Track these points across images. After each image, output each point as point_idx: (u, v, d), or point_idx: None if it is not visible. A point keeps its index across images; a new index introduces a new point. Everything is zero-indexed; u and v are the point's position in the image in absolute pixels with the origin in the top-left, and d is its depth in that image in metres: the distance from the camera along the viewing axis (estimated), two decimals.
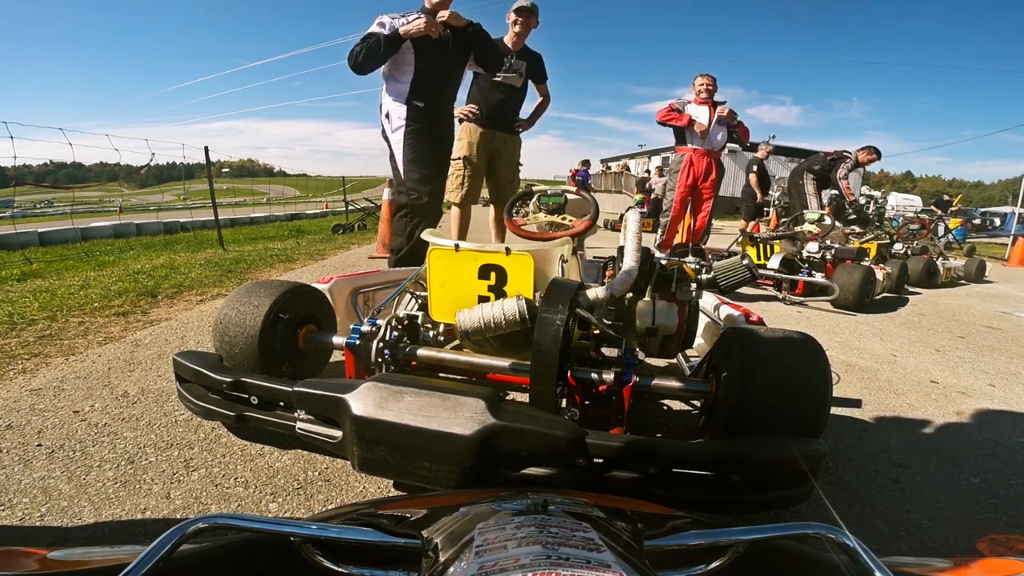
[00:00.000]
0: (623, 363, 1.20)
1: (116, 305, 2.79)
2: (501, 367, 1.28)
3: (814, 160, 6.00)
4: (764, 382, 1.07)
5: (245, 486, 1.18)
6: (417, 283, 1.67)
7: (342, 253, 5.74)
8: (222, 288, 3.40)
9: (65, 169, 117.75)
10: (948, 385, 2.17)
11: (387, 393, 0.96)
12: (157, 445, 1.34)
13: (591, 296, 1.18)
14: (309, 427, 1.07)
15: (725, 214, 16.69)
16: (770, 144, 8.08)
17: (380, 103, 2.79)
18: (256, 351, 1.35)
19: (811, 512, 1.13)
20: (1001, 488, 1.35)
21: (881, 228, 6.70)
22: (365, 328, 1.36)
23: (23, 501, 1.09)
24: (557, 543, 0.35)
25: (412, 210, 2.70)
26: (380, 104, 2.79)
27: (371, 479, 1.23)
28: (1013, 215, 12.81)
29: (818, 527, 0.41)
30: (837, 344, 2.73)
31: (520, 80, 3.51)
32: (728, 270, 1.80)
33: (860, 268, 3.69)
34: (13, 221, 8.55)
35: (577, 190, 1.95)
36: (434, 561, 0.38)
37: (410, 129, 2.66)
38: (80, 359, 1.97)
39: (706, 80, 4.44)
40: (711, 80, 4.45)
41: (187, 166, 42.41)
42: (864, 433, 1.64)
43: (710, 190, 4.56)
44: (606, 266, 1.77)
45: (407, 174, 2.69)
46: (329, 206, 17.59)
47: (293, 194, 28.20)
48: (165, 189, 32.35)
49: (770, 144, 8.08)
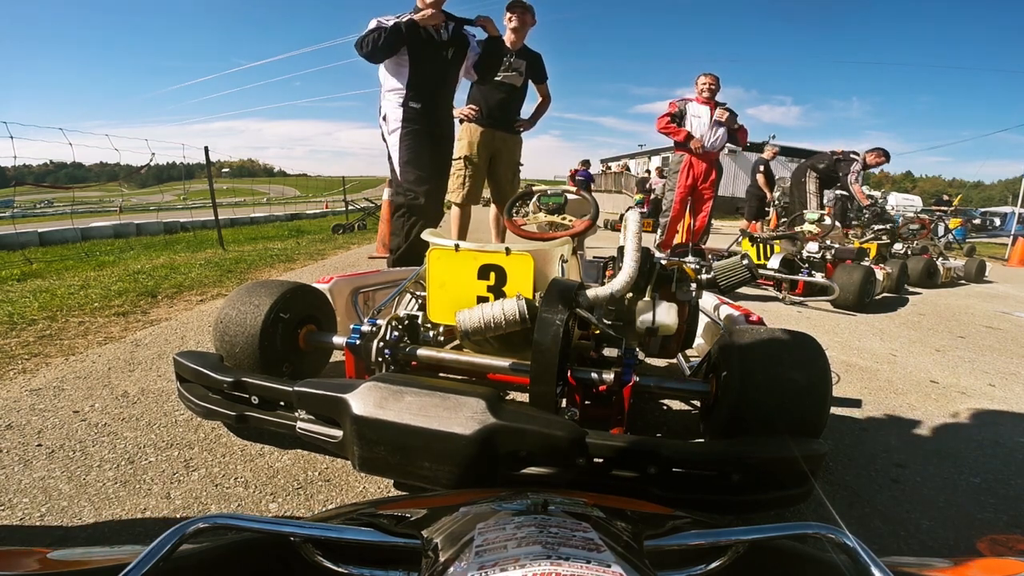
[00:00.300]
0: (623, 363, 1.20)
1: (116, 305, 2.79)
2: (501, 367, 1.28)
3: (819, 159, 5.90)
4: (764, 382, 1.07)
5: (245, 486, 1.18)
6: (417, 283, 1.67)
7: (342, 253, 5.74)
8: (222, 288, 3.40)
9: (65, 169, 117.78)
10: (948, 385, 2.17)
11: (387, 393, 0.96)
12: (157, 445, 1.34)
13: (591, 296, 1.18)
14: (310, 427, 1.07)
15: (725, 214, 16.70)
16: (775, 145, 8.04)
17: (379, 105, 2.80)
18: (256, 351, 1.35)
19: (811, 512, 1.13)
20: (1001, 488, 1.35)
21: (883, 228, 6.68)
22: (365, 328, 1.36)
23: (23, 501, 1.09)
24: (557, 543, 0.35)
25: (409, 210, 2.72)
26: (379, 107, 2.80)
27: (371, 479, 1.23)
28: (1013, 215, 12.81)
29: (818, 527, 0.41)
30: (837, 344, 2.73)
31: (520, 79, 3.50)
32: (728, 270, 1.80)
33: (860, 268, 3.69)
34: (13, 221, 8.55)
35: (577, 190, 1.95)
36: (434, 561, 0.38)
37: (406, 131, 2.68)
38: (80, 359, 1.97)
39: (709, 79, 4.45)
40: (714, 79, 4.45)
41: (187, 166, 42.44)
42: (864, 433, 1.64)
43: (710, 190, 4.57)
44: (606, 266, 1.77)
45: (403, 175, 2.71)
46: (329, 206, 17.59)
47: (293, 194, 28.22)
48: (165, 189, 32.37)
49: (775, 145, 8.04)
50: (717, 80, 4.46)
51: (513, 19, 3.39)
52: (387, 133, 2.75)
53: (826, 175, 5.77)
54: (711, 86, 4.43)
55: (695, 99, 4.50)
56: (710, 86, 4.43)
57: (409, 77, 2.63)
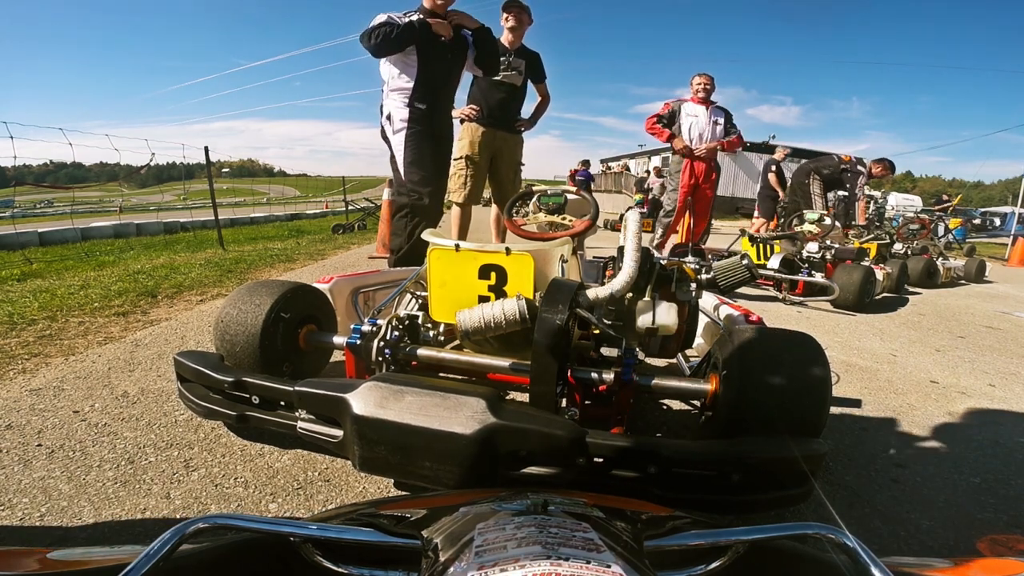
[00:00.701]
0: (623, 363, 1.20)
1: (116, 305, 2.79)
2: (501, 367, 1.28)
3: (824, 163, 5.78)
4: (764, 382, 1.07)
5: (245, 486, 1.18)
6: (417, 283, 1.67)
7: (342, 253, 5.74)
8: (222, 288, 3.40)
9: (65, 169, 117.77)
10: (948, 385, 2.17)
11: (388, 392, 0.96)
12: (157, 445, 1.34)
13: (591, 296, 1.18)
14: (310, 427, 1.07)
15: (725, 214, 16.69)
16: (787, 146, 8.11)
17: (381, 104, 2.79)
18: (257, 350, 1.35)
19: (811, 512, 1.13)
20: (1001, 488, 1.35)
21: (881, 228, 6.67)
22: (366, 328, 1.36)
23: (23, 501, 1.09)
24: (557, 543, 0.35)
25: (413, 210, 2.72)
26: (381, 105, 2.79)
27: (371, 479, 1.23)
28: (1013, 215, 12.81)
29: (818, 527, 0.41)
30: (837, 344, 2.73)
31: (520, 79, 3.51)
32: (728, 270, 1.80)
33: (860, 268, 3.69)
34: (13, 221, 8.55)
35: (577, 190, 1.95)
36: (434, 561, 0.38)
37: (412, 131, 2.68)
38: (80, 359, 1.97)
39: (704, 79, 4.46)
40: (709, 79, 4.47)
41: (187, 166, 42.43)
42: (864, 433, 1.64)
43: (711, 189, 4.60)
44: (606, 266, 1.77)
45: (408, 175, 2.71)
46: (329, 206, 17.59)
47: (293, 194, 28.22)
48: (165, 189, 32.34)
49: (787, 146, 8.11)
50: (712, 80, 4.48)
51: (510, 19, 3.39)
52: (391, 132, 2.74)
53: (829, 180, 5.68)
54: (706, 86, 4.44)
55: (691, 99, 4.51)
56: (705, 86, 4.44)
57: (417, 75, 2.62)
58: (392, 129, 2.73)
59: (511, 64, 3.43)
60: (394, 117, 2.70)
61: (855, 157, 5.72)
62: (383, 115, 2.78)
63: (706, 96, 4.46)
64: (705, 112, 4.42)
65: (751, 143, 19.61)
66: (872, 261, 4.42)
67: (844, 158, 5.74)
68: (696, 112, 4.43)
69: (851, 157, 5.73)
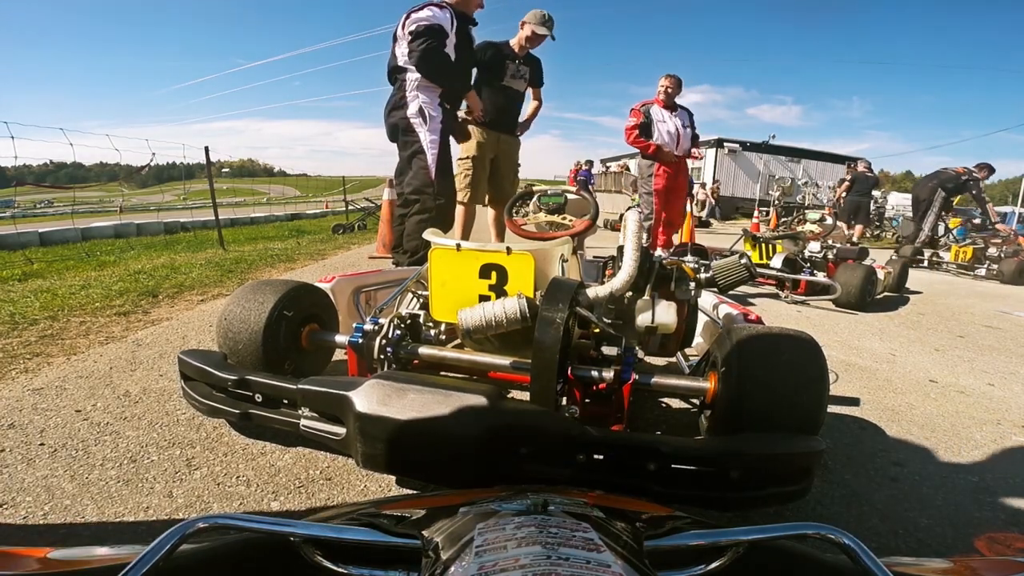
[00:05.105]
0: (623, 361, 1.20)
1: (117, 305, 2.80)
2: (502, 365, 1.29)
3: (947, 178, 6.46)
4: (762, 380, 1.07)
5: (247, 485, 1.18)
6: (418, 282, 1.67)
7: (342, 253, 5.73)
8: (223, 288, 3.40)
9: (65, 169, 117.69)
10: (947, 384, 2.18)
11: (390, 390, 0.96)
12: (159, 444, 1.35)
13: (591, 295, 1.19)
14: (313, 424, 1.08)
15: (726, 214, 16.66)
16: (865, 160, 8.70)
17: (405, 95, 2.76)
18: (260, 348, 1.35)
19: (810, 511, 1.13)
20: (999, 487, 1.35)
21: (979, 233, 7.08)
22: (368, 327, 1.37)
23: (26, 500, 1.09)
24: (557, 543, 0.36)
25: (438, 213, 2.75)
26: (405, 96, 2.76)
27: (372, 477, 1.23)
28: (1013, 215, 12.79)
29: (817, 527, 0.41)
30: (837, 343, 2.73)
31: (525, 85, 3.60)
32: (726, 269, 1.80)
33: (861, 267, 3.71)
34: (14, 221, 8.56)
35: (577, 190, 1.95)
36: (434, 561, 0.38)
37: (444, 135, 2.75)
38: (82, 359, 1.97)
39: (668, 82, 4.49)
40: (673, 82, 4.50)
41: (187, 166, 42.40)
42: (863, 432, 1.64)
43: (684, 188, 4.86)
44: (606, 266, 1.77)
45: (438, 180, 2.76)
46: (329, 206, 17.57)
47: (293, 194, 28.19)
48: (165, 189, 32.34)
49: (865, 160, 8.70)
50: (679, 83, 4.52)
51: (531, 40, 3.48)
52: (424, 130, 2.74)
53: (954, 191, 6.44)
54: (668, 89, 4.48)
55: (655, 101, 4.55)
56: (667, 89, 4.48)
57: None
58: (426, 127, 2.73)
59: (518, 70, 3.48)
60: (431, 115, 2.72)
61: (966, 167, 6.45)
62: (410, 108, 2.75)
63: (667, 99, 4.51)
64: (671, 116, 4.49)
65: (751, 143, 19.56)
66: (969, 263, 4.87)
67: (958, 170, 6.47)
68: (663, 117, 4.49)
69: (964, 168, 6.44)
